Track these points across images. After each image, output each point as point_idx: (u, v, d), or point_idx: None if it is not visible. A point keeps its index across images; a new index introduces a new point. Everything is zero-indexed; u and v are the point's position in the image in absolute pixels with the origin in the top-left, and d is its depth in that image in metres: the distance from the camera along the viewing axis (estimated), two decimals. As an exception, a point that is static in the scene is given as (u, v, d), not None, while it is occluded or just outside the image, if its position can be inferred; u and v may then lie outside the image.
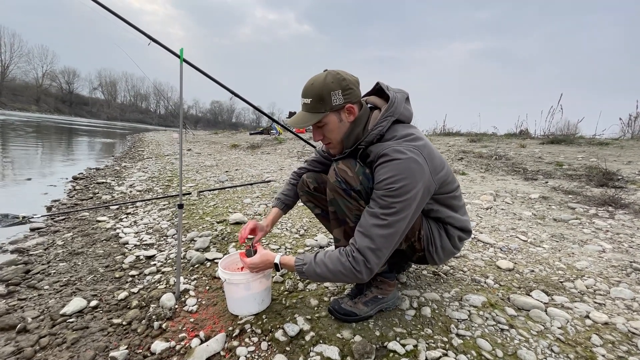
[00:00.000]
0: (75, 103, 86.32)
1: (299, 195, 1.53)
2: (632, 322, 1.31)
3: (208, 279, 1.72)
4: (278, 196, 1.58)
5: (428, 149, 1.12)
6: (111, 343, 1.26)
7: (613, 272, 1.78)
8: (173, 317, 1.40)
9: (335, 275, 1.10)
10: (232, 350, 1.18)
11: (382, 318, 1.32)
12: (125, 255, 2.05)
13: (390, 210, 1.04)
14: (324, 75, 1.12)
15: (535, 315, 1.35)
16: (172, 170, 5.49)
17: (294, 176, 1.59)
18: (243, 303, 1.35)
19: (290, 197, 1.56)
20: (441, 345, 1.17)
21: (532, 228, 2.53)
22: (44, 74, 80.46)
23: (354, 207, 1.18)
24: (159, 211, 3.00)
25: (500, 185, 4.08)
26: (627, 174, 4.09)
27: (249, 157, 7.66)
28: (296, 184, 1.55)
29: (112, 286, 1.69)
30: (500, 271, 1.77)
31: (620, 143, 6.50)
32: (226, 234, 2.31)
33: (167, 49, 1.59)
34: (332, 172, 1.20)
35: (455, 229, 1.30)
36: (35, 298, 1.57)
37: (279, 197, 1.57)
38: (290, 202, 1.56)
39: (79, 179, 4.79)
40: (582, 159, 5.21)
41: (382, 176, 1.06)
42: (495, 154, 5.87)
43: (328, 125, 1.17)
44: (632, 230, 2.45)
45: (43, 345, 1.24)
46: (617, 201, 3.04)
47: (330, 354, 1.13)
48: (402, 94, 1.23)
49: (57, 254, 2.08)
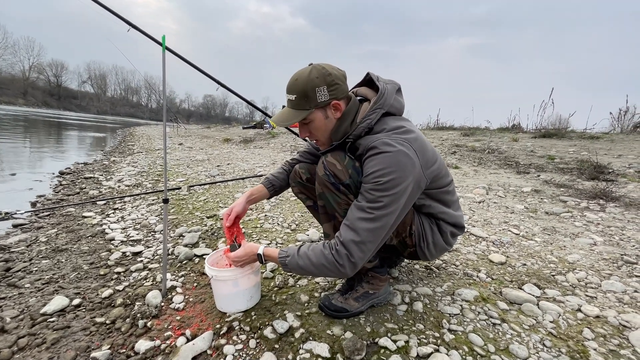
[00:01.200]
0: (63, 96, 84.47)
1: (291, 186, 1.47)
2: (623, 315, 1.30)
3: (196, 275, 1.67)
4: (267, 176, 1.48)
5: (419, 142, 1.08)
6: (93, 343, 1.22)
7: (604, 265, 1.78)
8: (159, 315, 1.36)
9: (318, 268, 1.06)
10: (219, 349, 1.15)
11: (374, 314, 1.30)
12: (111, 251, 1.99)
13: (377, 204, 1.00)
14: (309, 71, 1.07)
15: (527, 309, 1.34)
16: (163, 164, 5.39)
17: (286, 165, 1.52)
18: (231, 300, 1.32)
19: (280, 180, 1.46)
20: (433, 341, 1.15)
21: (524, 221, 2.53)
22: (30, 66, 78.49)
23: (343, 202, 1.14)
24: (147, 206, 2.94)
25: (493, 179, 4.08)
26: (617, 167, 4.13)
27: (241, 152, 7.57)
28: (288, 171, 1.48)
29: (96, 284, 1.63)
30: (492, 265, 1.76)
31: (611, 137, 6.56)
32: (216, 229, 2.27)
33: (148, 36, 1.52)
34: (321, 165, 1.16)
35: (447, 225, 1.27)
36: (15, 297, 1.52)
37: (268, 177, 1.47)
38: (278, 185, 1.46)
39: (66, 174, 4.67)
40: (573, 152, 5.24)
41: (370, 169, 1.02)
42: (488, 147, 5.89)
43: (314, 122, 1.13)
44: (623, 223, 2.47)
45: (22, 346, 1.19)
46: (608, 194, 3.06)
47: (320, 351, 1.10)
48: (392, 85, 1.18)
49: (40, 251, 2.01)
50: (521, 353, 1.09)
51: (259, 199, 1.45)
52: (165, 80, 1.47)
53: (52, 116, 33.93)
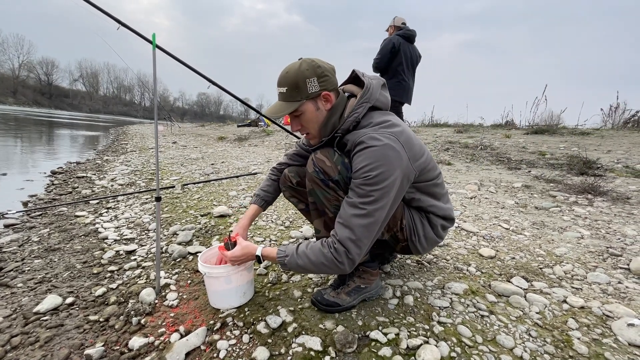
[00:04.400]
0: (55, 95, 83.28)
1: (282, 191, 1.49)
2: (607, 305, 1.34)
3: (190, 272, 1.68)
4: (257, 192, 1.52)
5: (406, 136, 1.10)
6: (87, 340, 1.22)
7: (590, 257, 1.83)
8: (153, 312, 1.37)
9: (317, 266, 1.09)
10: (212, 344, 1.16)
11: (365, 308, 1.32)
12: (105, 250, 1.99)
13: (368, 199, 1.03)
14: (299, 64, 1.10)
15: (515, 301, 1.37)
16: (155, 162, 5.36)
17: (273, 172, 1.54)
18: (224, 296, 1.33)
19: (270, 194, 1.51)
20: (422, 333, 1.18)
21: (515, 216, 2.58)
22: (20, 64, 77.27)
23: (332, 198, 1.16)
24: (140, 205, 2.93)
25: (485, 175, 4.13)
26: (606, 163, 4.20)
27: (235, 150, 7.55)
28: (277, 180, 1.50)
29: (89, 282, 1.64)
30: (482, 259, 1.79)
31: (601, 133, 6.67)
32: (210, 227, 2.27)
33: (137, 34, 1.51)
34: (310, 162, 1.17)
35: (438, 218, 1.30)
36: (7, 296, 1.51)
37: (258, 193, 1.51)
38: (270, 198, 1.51)
39: (58, 174, 4.63)
40: (564, 148, 5.32)
41: (359, 165, 1.04)
42: (480, 144, 5.94)
43: (305, 114, 1.14)
44: (610, 217, 2.52)
45: (14, 344, 1.20)
46: (596, 189, 3.12)
47: (313, 344, 1.12)
48: (377, 80, 1.21)
49: (32, 250, 2.00)
50: (507, 343, 1.12)
51: (254, 219, 1.51)
52: (157, 78, 1.48)
53: (43, 115, 33.41)
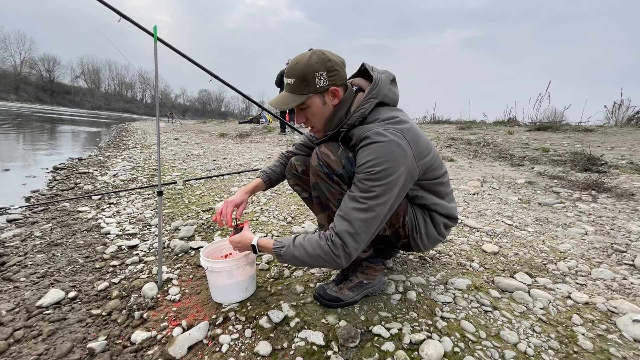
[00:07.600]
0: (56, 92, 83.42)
1: (287, 179, 1.48)
2: (611, 301, 1.33)
3: (192, 267, 1.68)
4: (264, 169, 1.51)
5: (412, 133, 1.09)
6: (89, 334, 1.23)
7: (594, 253, 1.82)
8: (155, 306, 1.37)
9: (313, 259, 1.07)
10: (215, 338, 1.16)
11: (368, 303, 1.32)
12: (107, 245, 2.00)
13: (370, 194, 1.01)
14: (309, 55, 1.07)
15: (519, 296, 1.36)
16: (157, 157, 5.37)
17: (282, 157, 1.54)
18: (226, 291, 1.33)
19: (276, 174, 1.49)
20: (425, 328, 1.17)
21: (518, 212, 2.56)
22: (22, 61, 77.36)
23: (336, 192, 1.15)
24: (142, 200, 2.93)
25: (488, 171, 4.11)
26: (610, 159, 4.17)
27: (237, 146, 7.54)
28: (284, 164, 1.50)
29: (92, 277, 1.64)
30: (485, 255, 1.78)
31: (605, 130, 6.61)
32: (212, 223, 2.27)
33: (139, 26, 1.50)
34: (314, 155, 1.16)
35: (440, 216, 1.28)
36: (10, 290, 1.52)
37: (265, 170, 1.50)
38: (275, 177, 1.49)
39: (60, 169, 4.64)
40: (567, 145, 5.28)
41: (363, 159, 1.02)
42: (483, 140, 5.91)
43: (311, 107, 1.12)
44: (614, 213, 2.50)
45: (17, 338, 1.20)
46: (600, 185, 3.09)
47: (315, 339, 1.12)
48: (387, 75, 1.18)
49: (35, 245, 2.01)
50: (511, 338, 1.11)
51: (256, 191, 1.48)
52: (158, 72, 1.46)
53: (45, 112, 33.47)
